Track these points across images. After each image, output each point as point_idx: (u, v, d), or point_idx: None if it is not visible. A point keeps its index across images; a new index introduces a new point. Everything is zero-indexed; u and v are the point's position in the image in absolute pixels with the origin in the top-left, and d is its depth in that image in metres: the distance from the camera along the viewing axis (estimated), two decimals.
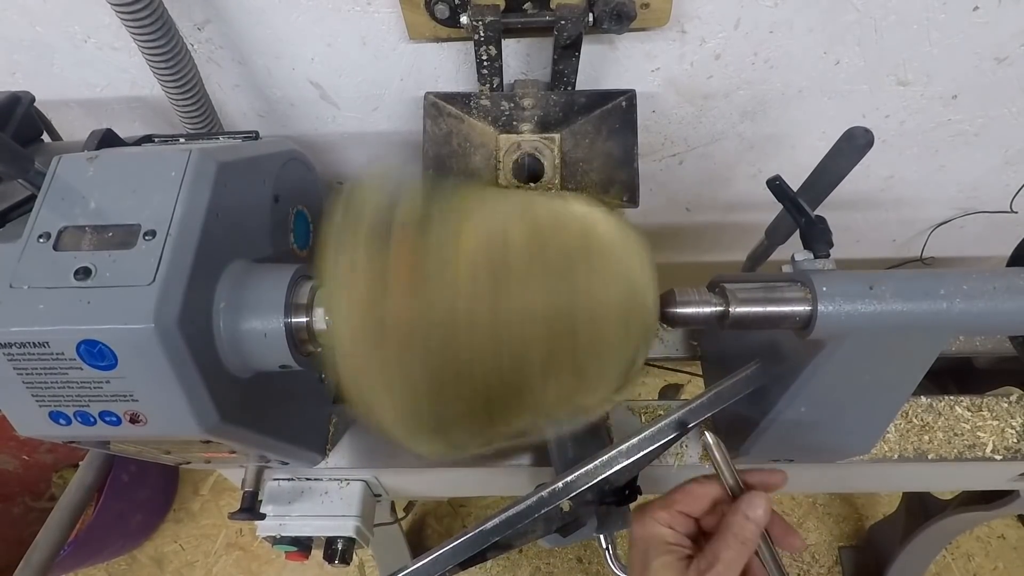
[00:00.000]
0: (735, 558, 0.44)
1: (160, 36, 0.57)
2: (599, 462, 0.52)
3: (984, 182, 0.89)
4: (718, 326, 0.45)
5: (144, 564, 1.55)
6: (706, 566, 0.44)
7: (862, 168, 0.53)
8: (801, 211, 0.51)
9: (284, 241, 0.59)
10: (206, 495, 1.63)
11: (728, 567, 0.43)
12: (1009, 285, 0.42)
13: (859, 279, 0.42)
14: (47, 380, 0.41)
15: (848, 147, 0.51)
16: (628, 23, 0.58)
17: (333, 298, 0.43)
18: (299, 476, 0.73)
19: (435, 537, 1.55)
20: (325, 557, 0.73)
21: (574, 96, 0.67)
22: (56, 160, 0.46)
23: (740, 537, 0.44)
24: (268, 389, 0.54)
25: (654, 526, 0.48)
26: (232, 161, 0.49)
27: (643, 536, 0.48)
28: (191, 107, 0.64)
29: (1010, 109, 0.75)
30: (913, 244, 1.05)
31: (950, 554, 1.48)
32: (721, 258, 1.10)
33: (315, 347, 0.49)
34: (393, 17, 0.63)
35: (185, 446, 0.52)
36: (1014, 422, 0.68)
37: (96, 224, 0.43)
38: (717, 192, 0.92)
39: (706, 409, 0.51)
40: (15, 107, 0.59)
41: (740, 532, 0.44)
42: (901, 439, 0.68)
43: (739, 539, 0.44)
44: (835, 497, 1.57)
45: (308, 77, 0.71)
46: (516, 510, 0.52)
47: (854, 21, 0.64)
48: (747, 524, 0.44)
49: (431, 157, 0.67)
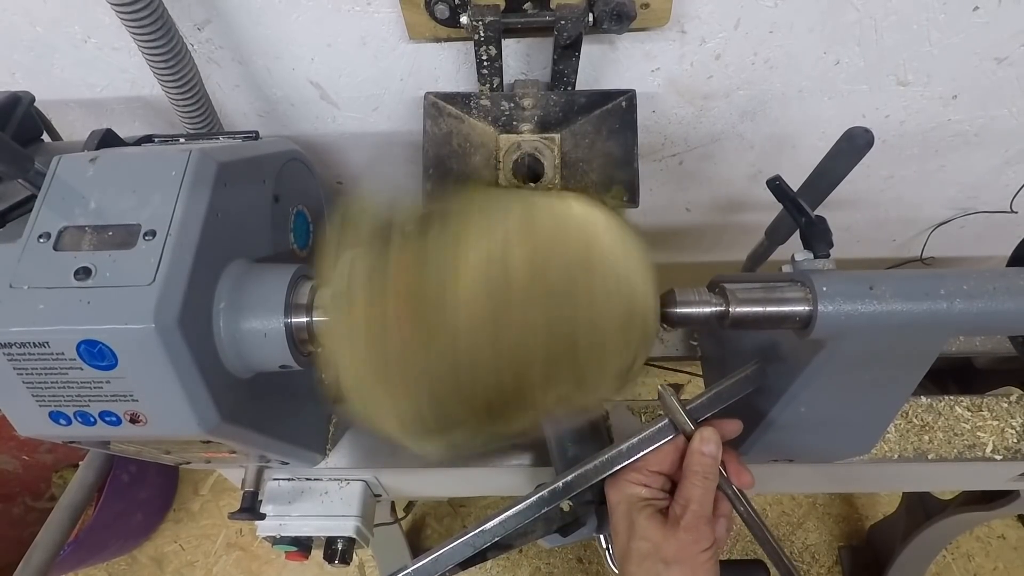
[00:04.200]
0: (703, 494, 0.48)
1: (160, 36, 0.57)
2: (599, 462, 0.52)
3: (984, 182, 0.89)
4: (718, 326, 0.45)
5: (144, 564, 1.55)
6: (681, 509, 0.48)
7: (862, 168, 0.53)
8: (801, 211, 0.51)
9: (284, 241, 0.59)
10: (206, 495, 1.63)
11: (700, 504, 0.47)
12: (1009, 285, 0.42)
13: (859, 279, 0.42)
14: (47, 380, 0.41)
15: (848, 147, 0.51)
16: (628, 23, 0.58)
17: (334, 330, 0.44)
18: (299, 476, 0.73)
19: (435, 537, 1.55)
20: (325, 557, 0.73)
21: (574, 96, 0.67)
22: (56, 160, 0.46)
23: (701, 472, 0.48)
24: (268, 389, 0.54)
25: (629, 487, 0.50)
26: (232, 161, 0.49)
27: (620, 499, 0.51)
28: (191, 107, 0.64)
29: (1010, 109, 0.75)
30: (913, 244, 1.05)
31: (950, 554, 1.48)
32: (721, 258, 1.10)
33: (315, 347, 0.49)
34: (393, 17, 0.63)
35: (185, 446, 0.52)
36: (1014, 422, 0.68)
37: (96, 224, 0.43)
38: (717, 192, 0.92)
39: (706, 409, 0.51)
40: (15, 107, 0.59)
41: (700, 468, 0.49)
42: (901, 439, 0.68)
43: (700, 475, 0.48)
44: (835, 497, 1.57)
45: (308, 77, 0.71)
46: (516, 510, 0.52)
47: (854, 21, 0.64)
48: (704, 459, 0.49)
49: (431, 157, 0.67)
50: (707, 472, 0.48)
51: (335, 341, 0.44)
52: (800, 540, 1.52)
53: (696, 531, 0.47)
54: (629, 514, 0.49)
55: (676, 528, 0.47)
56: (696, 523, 0.47)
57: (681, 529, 0.47)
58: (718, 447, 0.49)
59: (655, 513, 0.49)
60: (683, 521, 0.47)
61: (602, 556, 0.60)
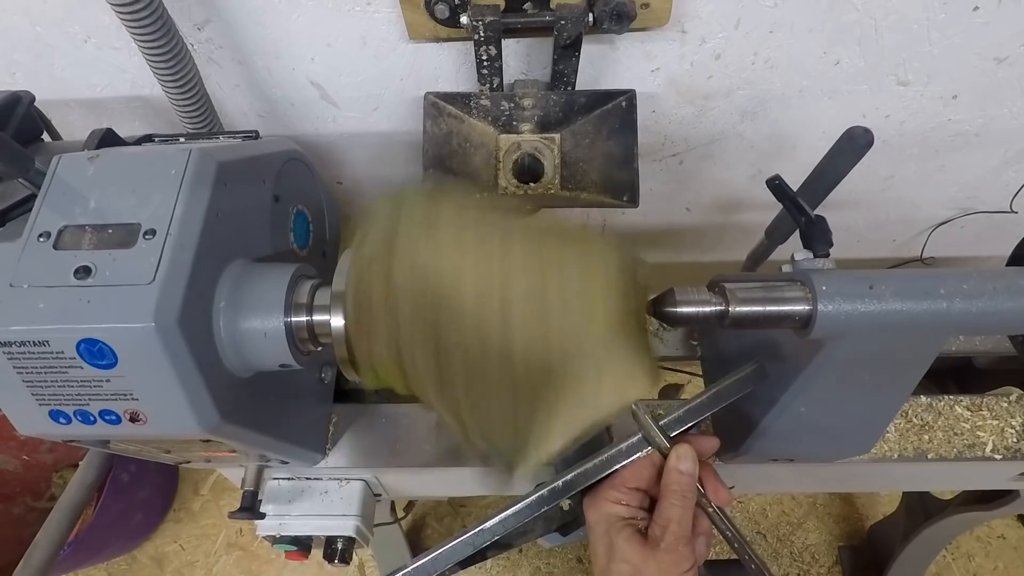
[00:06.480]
0: (682, 513, 0.47)
1: (160, 36, 0.57)
2: (599, 462, 0.52)
3: (984, 182, 0.89)
4: (718, 326, 0.45)
5: (144, 564, 1.55)
6: (660, 530, 0.47)
7: (862, 168, 0.53)
8: (801, 211, 0.51)
9: (284, 241, 0.59)
10: (206, 495, 1.63)
11: (679, 523, 0.47)
12: (1009, 285, 0.42)
13: (859, 279, 0.42)
14: (47, 379, 0.42)
15: (848, 147, 0.51)
16: (628, 23, 0.58)
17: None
18: (299, 475, 0.73)
19: (435, 537, 1.54)
20: (325, 557, 0.73)
21: (574, 96, 0.67)
22: (56, 159, 0.46)
23: (679, 492, 0.48)
24: (268, 388, 0.54)
25: (608, 506, 0.50)
26: (232, 161, 0.49)
27: (599, 519, 0.50)
28: (191, 107, 0.64)
29: (1010, 109, 0.75)
30: (913, 244, 1.05)
31: (950, 554, 1.48)
32: (721, 258, 1.10)
33: (315, 346, 0.49)
34: (393, 17, 0.63)
35: (185, 445, 0.52)
36: (1014, 422, 0.68)
37: (96, 223, 0.43)
38: (717, 192, 0.92)
39: (706, 409, 0.51)
40: (15, 107, 0.59)
41: (677, 487, 0.48)
42: (901, 439, 0.68)
43: (678, 494, 0.48)
44: (835, 497, 1.57)
45: (308, 77, 0.71)
46: (516, 509, 0.52)
47: (854, 21, 0.64)
48: (681, 478, 0.48)
49: (431, 157, 0.67)
50: (685, 491, 0.48)
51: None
52: (800, 540, 1.52)
53: (676, 552, 0.46)
54: (608, 534, 0.49)
55: (656, 550, 0.47)
56: (676, 544, 0.46)
57: (661, 551, 0.46)
58: (695, 464, 0.49)
59: (634, 534, 0.48)
60: (663, 543, 0.47)
61: None
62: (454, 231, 0.44)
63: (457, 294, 0.42)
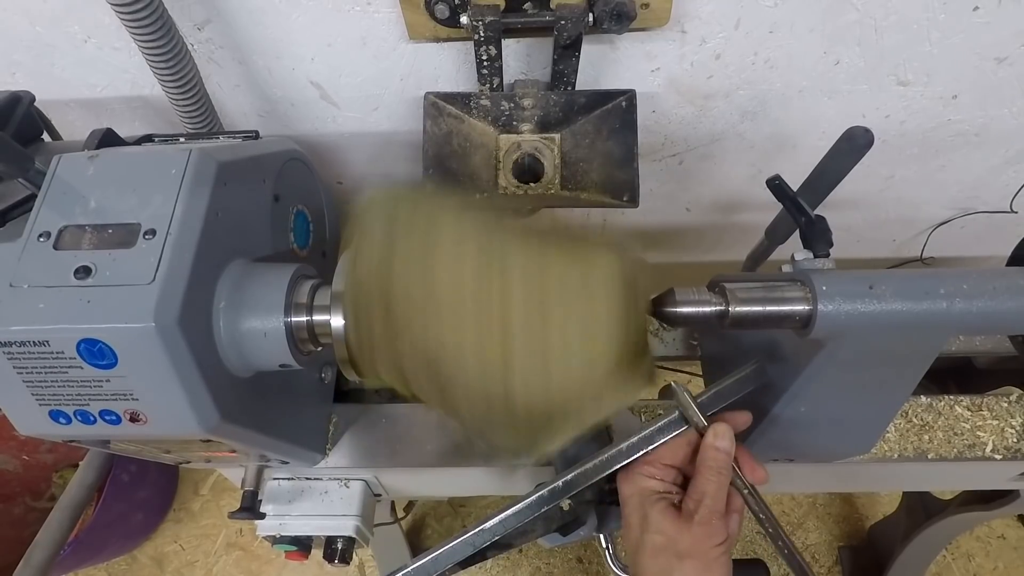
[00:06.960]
0: (717, 489, 0.48)
1: (160, 36, 0.57)
2: (599, 462, 0.52)
3: (984, 182, 0.89)
4: (718, 325, 0.45)
5: (144, 564, 1.55)
6: (695, 503, 0.48)
7: (862, 168, 0.53)
8: (801, 211, 0.51)
9: (284, 241, 0.59)
10: (206, 495, 1.63)
11: (714, 499, 0.47)
12: (1009, 285, 0.42)
13: (859, 279, 0.42)
14: (47, 379, 0.42)
15: (848, 147, 0.51)
16: (628, 23, 0.58)
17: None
18: (299, 475, 0.73)
19: (435, 537, 1.54)
20: (325, 557, 0.73)
21: (574, 96, 0.67)
22: (56, 159, 0.46)
23: (715, 468, 0.48)
24: (268, 388, 0.54)
25: (643, 480, 0.51)
26: (232, 161, 0.49)
27: (634, 492, 0.51)
28: (191, 107, 0.64)
29: (1010, 109, 0.75)
30: (913, 244, 1.05)
31: (950, 554, 1.48)
32: (721, 258, 1.10)
33: (315, 346, 0.49)
34: (393, 17, 0.63)
35: (185, 445, 0.52)
36: (1014, 422, 0.68)
37: (96, 223, 0.43)
38: (717, 192, 0.92)
39: (705, 409, 0.51)
40: (15, 107, 0.59)
41: (714, 463, 0.48)
42: (901, 439, 0.68)
43: (714, 470, 0.48)
44: (835, 497, 1.57)
45: (308, 77, 0.71)
46: (516, 509, 0.52)
47: (854, 21, 0.64)
48: (718, 455, 0.49)
49: (431, 157, 0.67)
50: (721, 467, 0.48)
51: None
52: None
53: (710, 525, 0.47)
54: (642, 507, 0.49)
55: (690, 522, 0.47)
56: (710, 517, 0.47)
57: (695, 523, 0.47)
58: (731, 442, 0.49)
59: (668, 507, 0.49)
60: (697, 516, 0.47)
61: (602, 556, 0.60)
62: (453, 244, 0.44)
63: (457, 337, 0.43)
